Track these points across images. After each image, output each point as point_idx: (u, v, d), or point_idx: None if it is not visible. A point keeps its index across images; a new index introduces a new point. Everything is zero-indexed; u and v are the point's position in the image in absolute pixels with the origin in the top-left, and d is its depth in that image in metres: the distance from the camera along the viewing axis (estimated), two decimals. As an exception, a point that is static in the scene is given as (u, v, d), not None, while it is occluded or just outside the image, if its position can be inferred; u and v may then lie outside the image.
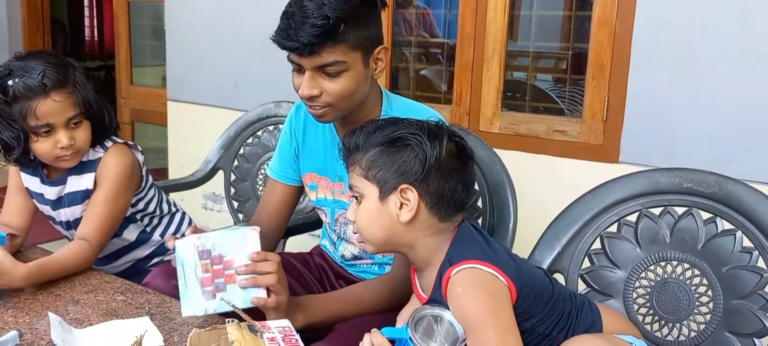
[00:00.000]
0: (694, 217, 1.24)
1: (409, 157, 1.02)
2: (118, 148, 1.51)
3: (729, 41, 2.07)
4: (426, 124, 1.06)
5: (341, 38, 1.18)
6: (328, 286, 1.51)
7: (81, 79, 1.44)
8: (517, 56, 2.76)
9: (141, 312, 1.20)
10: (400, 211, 1.02)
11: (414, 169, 1.01)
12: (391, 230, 1.04)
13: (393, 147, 1.03)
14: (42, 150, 1.41)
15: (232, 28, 3.23)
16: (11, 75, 1.36)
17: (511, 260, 1.02)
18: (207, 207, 3.44)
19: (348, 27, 1.18)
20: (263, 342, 0.88)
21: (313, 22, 1.15)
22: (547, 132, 2.47)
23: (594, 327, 1.06)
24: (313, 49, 1.17)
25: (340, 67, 1.21)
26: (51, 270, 1.30)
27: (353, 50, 1.21)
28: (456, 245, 1.03)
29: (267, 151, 2.09)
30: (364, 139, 1.06)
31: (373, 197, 1.04)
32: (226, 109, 3.24)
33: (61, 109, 1.38)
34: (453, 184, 1.03)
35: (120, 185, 1.48)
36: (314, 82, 1.22)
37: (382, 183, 1.03)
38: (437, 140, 1.03)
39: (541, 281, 1.05)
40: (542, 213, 1.45)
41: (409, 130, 1.04)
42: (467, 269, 0.98)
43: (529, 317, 1.01)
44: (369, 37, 1.24)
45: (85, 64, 5.80)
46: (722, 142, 2.11)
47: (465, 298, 0.97)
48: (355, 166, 1.06)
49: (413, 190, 1.01)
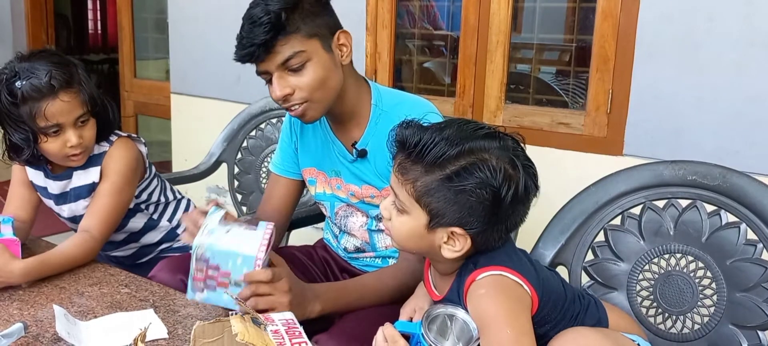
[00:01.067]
0: (698, 209, 1.23)
1: (474, 205, 0.90)
2: (123, 141, 1.52)
3: (734, 32, 2.06)
4: (501, 162, 0.90)
5: (291, 29, 1.20)
6: (332, 279, 1.52)
7: (85, 76, 1.45)
8: (521, 48, 2.75)
9: (145, 305, 1.20)
10: (446, 245, 0.95)
11: (475, 220, 0.90)
12: (427, 251, 0.99)
13: (459, 186, 0.89)
14: (52, 150, 1.42)
15: (235, 20, 3.21)
16: (17, 76, 1.36)
17: (533, 268, 1.00)
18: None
19: (294, 17, 1.20)
20: (267, 334, 0.89)
21: (259, 22, 1.18)
22: (550, 124, 2.46)
23: (600, 324, 1.06)
24: (267, 47, 1.19)
25: (300, 58, 1.22)
26: (52, 264, 1.31)
27: (309, 39, 1.22)
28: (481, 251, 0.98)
29: (270, 143, 2.09)
30: (429, 151, 0.90)
31: (420, 222, 0.94)
32: (229, 102, 3.24)
33: (70, 108, 1.39)
34: (504, 227, 0.94)
35: (125, 178, 1.49)
36: (283, 81, 1.24)
37: (435, 216, 0.92)
38: (510, 185, 0.89)
39: (556, 288, 1.03)
40: (546, 206, 1.44)
41: (481, 174, 0.88)
42: (494, 275, 0.95)
43: (544, 324, 1.00)
44: (323, 24, 1.25)
45: (88, 58, 5.78)
46: (727, 135, 2.10)
47: (487, 298, 0.94)
48: (408, 181, 0.93)
49: (467, 237, 0.93)
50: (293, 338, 0.90)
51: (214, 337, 0.90)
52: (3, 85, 1.37)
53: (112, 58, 5.88)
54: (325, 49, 1.25)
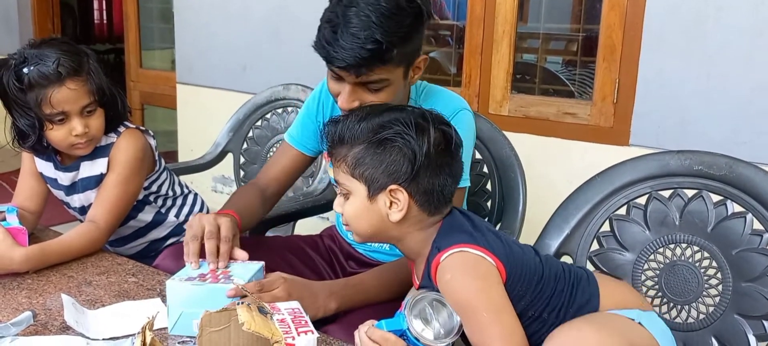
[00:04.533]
0: (704, 199, 1.23)
1: (397, 156, 0.99)
2: (130, 132, 1.52)
3: (742, 21, 2.05)
4: (411, 116, 1.01)
5: (389, 59, 1.15)
6: (338, 268, 1.52)
7: (95, 66, 1.44)
8: (527, 38, 2.74)
9: (152, 293, 1.21)
10: (390, 210, 1.00)
11: (403, 170, 0.98)
12: (381, 226, 1.02)
13: (380, 147, 0.99)
14: (56, 138, 1.42)
15: (241, 10, 3.23)
16: (26, 62, 1.36)
17: (499, 240, 1.01)
18: (216, 190, 3.46)
19: (398, 48, 1.16)
20: (273, 323, 0.89)
21: (362, 45, 1.11)
22: (556, 114, 2.45)
23: (590, 303, 1.04)
24: (360, 70, 1.15)
25: (383, 83, 1.19)
26: (54, 253, 1.31)
27: (398, 67, 1.20)
28: (443, 232, 1.02)
29: (276, 133, 2.09)
30: (349, 132, 1.02)
31: (361, 195, 1.01)
32: (234, 91, 3.25)
33: (76, 97, 1.39)
34: (443, 179, 1.01)
35: (132, 169, 1.49)
36: (355, 96, 1.21)
37: (371, 182, 1.00)
38: (424, 135, 0.99)
39: (530, 262, 1.03)
40: (552, 196, 1.45)
41: (395, 127, 0.99)
42: (454, 253, 0.97)
43: (519, 300, 1.00)
44: (414, 51, 1.22)
45: (94, 48, 5.81)
46: (734, 125, 2.09)
47: (454, 283, 0.96)
48: (341, 163, 1.02)
49: (403, 191, 0.99)
50: (299, 327, 0.90)
51: (220, 326, 0.90)
52: (11, 70, 1.37)
53: (118, 48, 5.89)
54: (404, 76, 1.23)
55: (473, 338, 0.97)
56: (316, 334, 0.90)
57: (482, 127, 1.59)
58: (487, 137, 1.59)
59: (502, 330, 0.95)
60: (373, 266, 1.35)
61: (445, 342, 0.97)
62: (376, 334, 0.97)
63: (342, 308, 1.19)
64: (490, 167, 1.59)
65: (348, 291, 1.22)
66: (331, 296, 1.18)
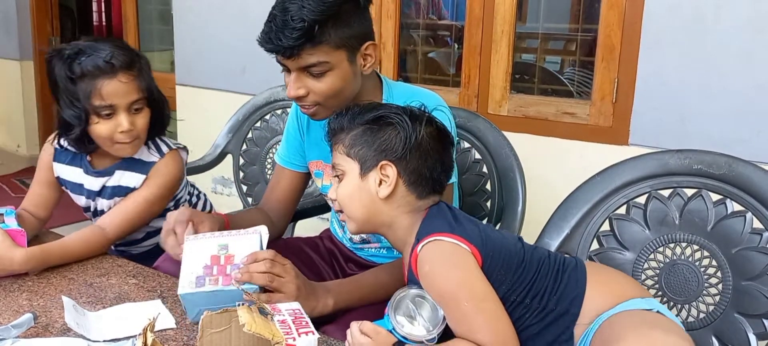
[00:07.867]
0: (704, 198, 1.23)
1: (390, 135, 1.06)
2: (173, 156, 1.50)
3: (742, 20, 2.05)
4: (408, 107, 1.09)
5: (321, 40, 1.19)
6: (338, 269, 1.52)
7: (146, 66, 1.45)
8: (526, 38, 2.74)
9: (153, 295, 1.21)
10: (379, 187, 1.05)
11: (394, 147, 1.05)
12: (371, 207, 1.06)
13: (375, 126, 1.07)
14: (102, 132, 1.40)
15: (240, 11, 3.23)
16: (80, 53, 1.37)
17: (477, 228, 1.03)
18: (216, 191, 3.46)
19: (328, 28, 1.19)
20: (274, 324, 0.89)
21: (292, 26, 1.16)
22: (556, 114, 2.45)
23: (577, 288, 1.01)
24: (292, 51, 1.19)
25: (323, 67, 1.22)
26: (55, 254, 1.31)
27: (336, 50, 1.21)
28: (425, 223, 1.05)
29: (275, 134, 2.10)
30: (348, 120, 1.09)
31: (353, 173, 1.07)
32: (234, 93, 3.24)
33: (126, 91, 1.39)
34: (432, 163, 1.06)
35: (163, 193, 1.48)
36: (300, 83, 1.24)
37: (363, 160, 1.06)
38: (418, 121, 1.07)
39: (510, 246, 1.04)
40: (551, 195, 1.45)
41: (391, 110, 1.07)
42: (430, 242, 1.00)
43: (500, 284, 1.00)
44: (353, 36, 1.24)
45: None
46: (734, 123, 2.09)
47: (432, 276, 0.99)
48: (339, 145, 1.09)
49: (392, 166, 1.04)
50: (300, 328, 0.90)
51: (221, 327, 0.90)
52: (65, 60, 1.37)
53: (117, 49, 5.88)
54: (349, 60, 1.25)
55: (458, 329, 0.97)
56: (317, 335, 0.90)
57: (481, 127, 1.59)
58: (487, 137, 1.59)
59: (486, 318, 0.96)
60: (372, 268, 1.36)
61: (433, 335, 0.98)
62: (366, 326, 0.98)
63: (339, 305, 1.20)
64: (489, 167, 1.59)
65: (344, 288, 1.23)
66: (328, 293, 1.20)
